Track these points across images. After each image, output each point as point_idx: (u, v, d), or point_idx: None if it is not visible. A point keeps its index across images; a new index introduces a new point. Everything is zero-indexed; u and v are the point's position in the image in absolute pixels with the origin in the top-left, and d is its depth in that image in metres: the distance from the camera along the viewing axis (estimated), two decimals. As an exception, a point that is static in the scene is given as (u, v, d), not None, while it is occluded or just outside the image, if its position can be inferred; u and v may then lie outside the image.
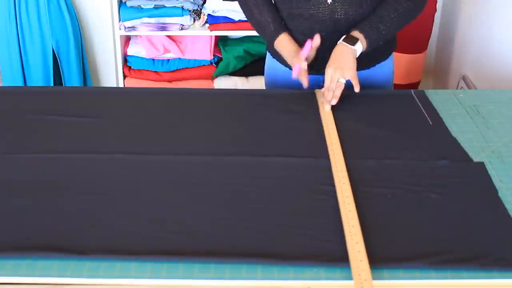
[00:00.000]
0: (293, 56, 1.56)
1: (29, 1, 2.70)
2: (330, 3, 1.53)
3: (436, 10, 2.87)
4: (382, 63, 1.70)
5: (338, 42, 1.52)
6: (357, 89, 1.47)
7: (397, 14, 1.52)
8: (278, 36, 1.59)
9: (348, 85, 1.49)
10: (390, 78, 1.75)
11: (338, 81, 1.47)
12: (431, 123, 1.46)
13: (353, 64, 1.48)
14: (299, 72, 1.52)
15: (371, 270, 0.98)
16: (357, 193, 1.17)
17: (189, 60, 3.00)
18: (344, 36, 1.51)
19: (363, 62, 1.54)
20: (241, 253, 1.02)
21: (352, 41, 1.49)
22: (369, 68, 1.66)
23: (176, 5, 2.85)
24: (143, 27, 2.87)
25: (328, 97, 1.48)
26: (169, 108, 1.53)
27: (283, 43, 1.59)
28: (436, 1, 2.86)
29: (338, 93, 1.47)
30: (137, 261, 1.01)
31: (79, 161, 1.28)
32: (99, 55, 3.04)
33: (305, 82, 1.53)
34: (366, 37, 1.50)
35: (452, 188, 1.20)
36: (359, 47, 1.50)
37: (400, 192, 1.19)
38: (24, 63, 2.82)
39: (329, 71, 1.48)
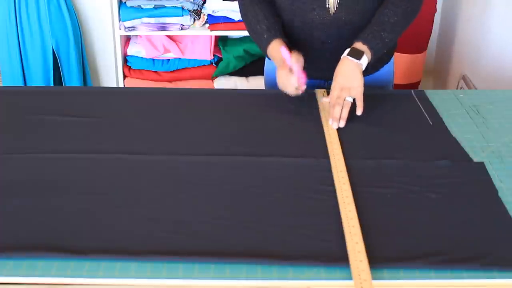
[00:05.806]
0: (280, 65, 1.51)
1: (29, 1, 2.70)
2: (334, 11, 1.50)
3: (436, 10, 2.87)
4: (383, 66, 1.69)
5: (342, 56, 1.46)
6: (359, 111, 1.42)
7: (397, 18, 1.48)
8: (269, 45, 1.53)
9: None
10: (390, 79, 1.74)
11: (345, 99, 1.43)
12: (431, 123, 1.45)
13: (360, 82, 1.43)
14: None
15: (371, 270, 0.98)
16: (357, 193, 1.17)
17: (189, 60, 3.00)
18: (348, 50, 1.46)
19: (365, 69, 1.53)
20: (241, 253, 1.02)
21: (358, 55, 1.44)
22: (371, 74, 1.66)
23: (176, 5, 2.85)
24: (143, 27, 2.87)
25: (336, 113, 1.42)
26: (169, 108, 1.53)
27: (273, 53, 1.53)
28: (436, 1, 2.86)
29: (345, 113, 1.42)
30: (137, 261, 1.01)
31: (79, 161, 1.28)
32: (99, 55, 3.04)
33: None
34: (370, 48, 1.45)
35: (452, 188, 1.20)
36: (365, 61, 1.45)
37: (400, 192, 1.19)
38: (24, 63, 2.82)
39: (336, 90, 1.43)
